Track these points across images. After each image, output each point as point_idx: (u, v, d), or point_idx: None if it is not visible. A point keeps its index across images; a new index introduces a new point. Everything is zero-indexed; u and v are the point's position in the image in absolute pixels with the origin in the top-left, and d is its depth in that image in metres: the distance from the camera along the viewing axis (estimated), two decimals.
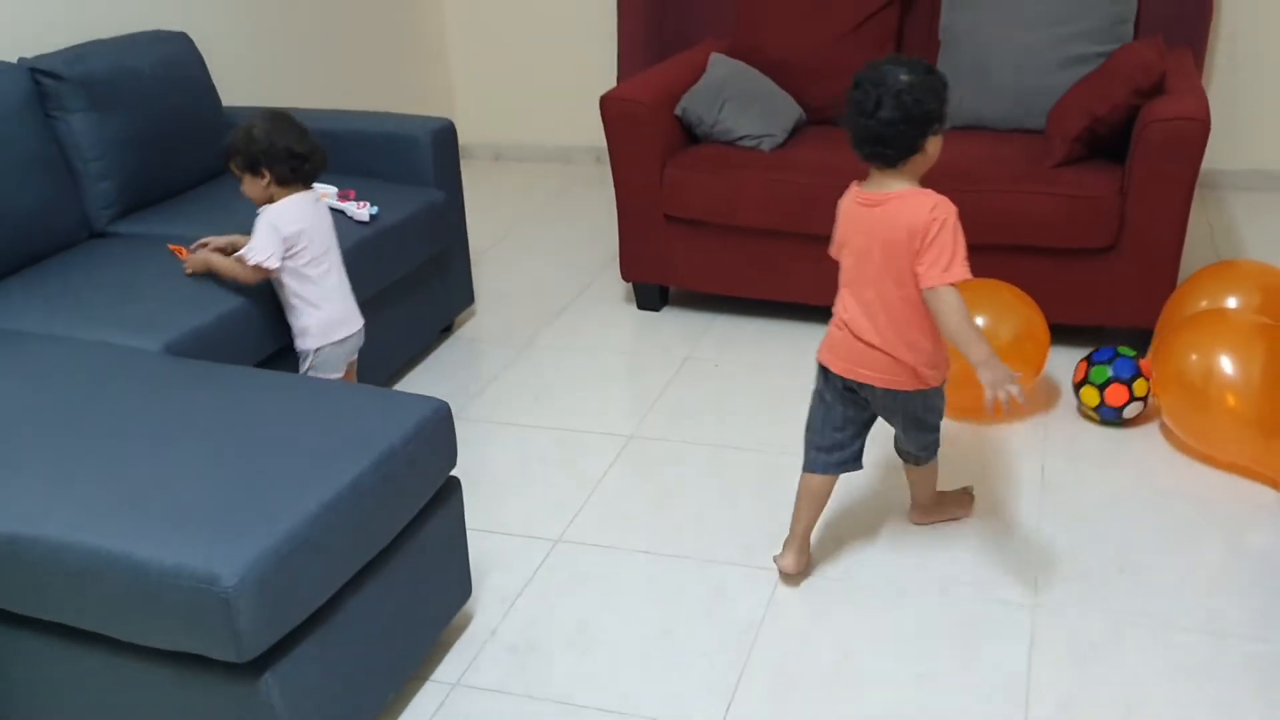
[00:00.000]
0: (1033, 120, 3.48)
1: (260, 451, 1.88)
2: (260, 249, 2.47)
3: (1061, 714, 2.02)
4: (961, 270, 2.06)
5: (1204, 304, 2.94)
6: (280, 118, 2.50)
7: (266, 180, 2.49)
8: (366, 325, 2.70)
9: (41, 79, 2.90)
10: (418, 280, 3.26)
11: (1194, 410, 2.67)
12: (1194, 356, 2.65)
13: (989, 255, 3.22)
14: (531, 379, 3.33)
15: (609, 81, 4.65)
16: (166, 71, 3.15)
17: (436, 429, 2.02)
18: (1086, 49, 3.44)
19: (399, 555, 1.99)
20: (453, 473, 2.14)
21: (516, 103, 5.35)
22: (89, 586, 1.67)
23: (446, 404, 2.07)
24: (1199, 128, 2.95)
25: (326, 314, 2.59)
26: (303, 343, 2.61)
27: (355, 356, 2.74)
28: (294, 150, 2.46)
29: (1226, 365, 2.61)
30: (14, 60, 2.94)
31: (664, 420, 3.07)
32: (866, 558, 2.47)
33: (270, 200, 2.50)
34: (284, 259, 2.50)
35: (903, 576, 2.40)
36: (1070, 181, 3.13)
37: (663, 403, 3.16)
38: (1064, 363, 3.17)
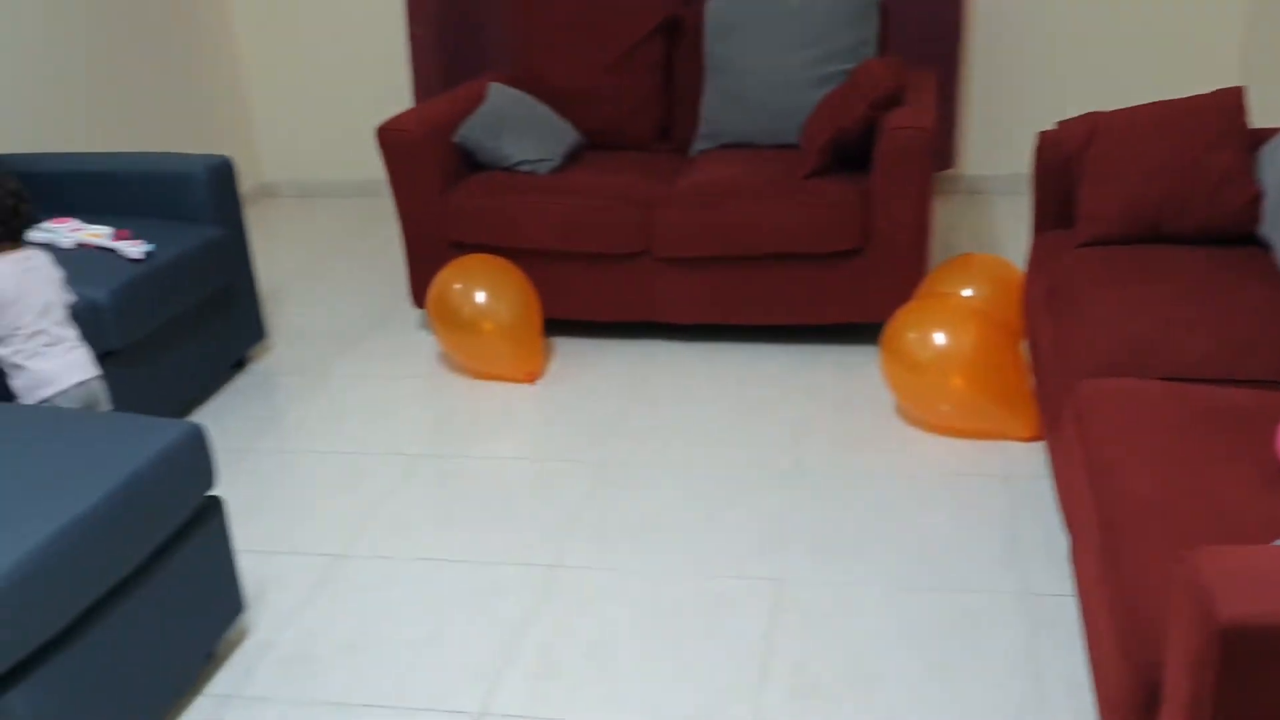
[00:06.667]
0: (789, 136, 3.73)
1: (6, 482, 1.93)
2: None
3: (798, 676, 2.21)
4: None
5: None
6: None
7: None
8: (148, 363, 2.69)
9: None
10: (202, 316, 3.32)
11: (915, 383, 2.95)
12: (912, 335, 2.91)
13: (748, 265, 3.47)
14: (325, 408, 3.41)
15: None
16: None
17: (188, 451, 2.10)
18: (834, 68, 3.71)
19: (155, 574, 2.06)
20: (213, 493, 2.22)
21: (320, 140, 5.42)
22: None
23: (199, 426, 2.15)
24: (925, 135, 3.23)
25: (32, 374, 2.55)
26: (18, 402, 2.56)
27: (99, 406, 2.67)
28: None
29: (940, 341, 2.89)
30: None
31: (453, 438, 3.19)
32: (633, 547, 2.63)
33: None
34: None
35: (658, 562, 2.57)
36: (818, 191, 3.38)
37: (452, 422, 3.27)
38: (831, 360, 3.42)
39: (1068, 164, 2.99)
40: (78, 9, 4.24)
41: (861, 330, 3.63)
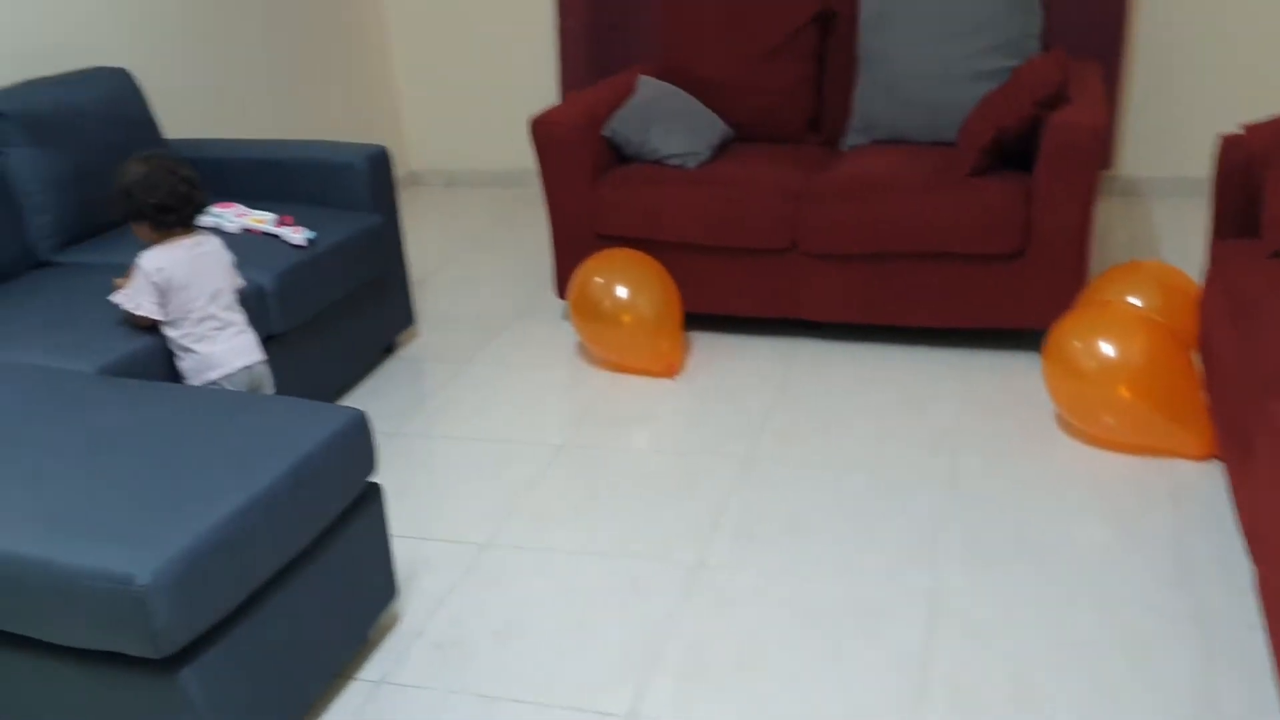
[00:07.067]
0: (947, 133, 3.62)
1: (182, 461, 1.98)
2: (129, 296, 2.58)
3: (955, 691, 2.14)
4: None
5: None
6: (154, 169, 2.54)
7: (146, 227, 2.58)
8: (306, 347, 2.74)
9: None
10: (357, 302, 3.38)
11: (1079, 393, 2.83)
12: (1077, 343, 2.80)
13: (900, 263, 3.38)
14: (469, 395, 3.44)
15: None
16: (106, 107, 3.26)
17: (353, 437, 2.12)
18: (996, 64, 3.59)
19: (319, 557, 2.09)
20: (373, 479, 2.25)
21: (467, 129, 5.48)
22: (11, 591, 1.76)
23: (363, 412, 2.17)
24: (1094, 135, 3.10)
25: (200, 356, 2.62)
26: (186, 383, 2.64)
27: (263, 389, 2.74)
28: (163, 204, 2.53)
29: (1107, 350, 2.77)
30: None
31: (595, 429, 3.18)
32: (779, 547, 2.58)
33: (155, 242, 2.59)
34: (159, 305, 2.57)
35: (807, 564, 2.52)
36: (979, 190, 3.27)
37: (594, 413, 3.27)
38: (984, 365, 3.31)
39: (1251, 168, 2.84)
40: (243, 5, 4.36)
41: (1015, 336, 3.52)
